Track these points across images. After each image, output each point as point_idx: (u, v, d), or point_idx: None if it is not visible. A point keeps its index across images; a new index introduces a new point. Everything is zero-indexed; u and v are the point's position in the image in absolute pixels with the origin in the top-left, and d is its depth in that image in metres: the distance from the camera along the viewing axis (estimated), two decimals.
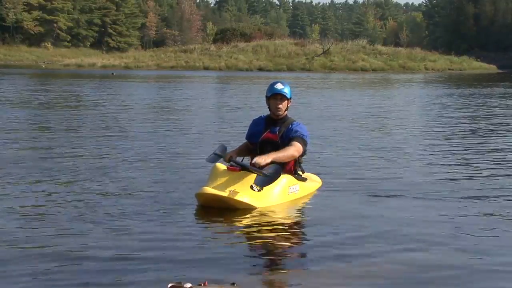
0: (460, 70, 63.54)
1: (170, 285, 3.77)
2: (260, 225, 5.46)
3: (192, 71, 52.26)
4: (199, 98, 22.53)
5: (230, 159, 6.25)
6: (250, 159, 6.40)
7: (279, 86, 6.40)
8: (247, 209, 5.78)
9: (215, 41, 68.97)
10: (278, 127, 6.39)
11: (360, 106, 19.60)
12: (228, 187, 5.88)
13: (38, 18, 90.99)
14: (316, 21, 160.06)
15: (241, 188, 5.87)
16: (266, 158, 6.05)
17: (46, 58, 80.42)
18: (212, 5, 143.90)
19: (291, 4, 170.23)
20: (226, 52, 59.22)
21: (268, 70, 53.53)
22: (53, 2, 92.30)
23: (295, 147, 6.24)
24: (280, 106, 6.38)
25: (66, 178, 7.24)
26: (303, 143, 6.32)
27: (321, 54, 58.98)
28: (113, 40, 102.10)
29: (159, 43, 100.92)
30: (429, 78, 45.06)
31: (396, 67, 58.68)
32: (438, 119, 15.67)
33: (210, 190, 5.83)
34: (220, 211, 5.74)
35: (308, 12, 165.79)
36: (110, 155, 9.07)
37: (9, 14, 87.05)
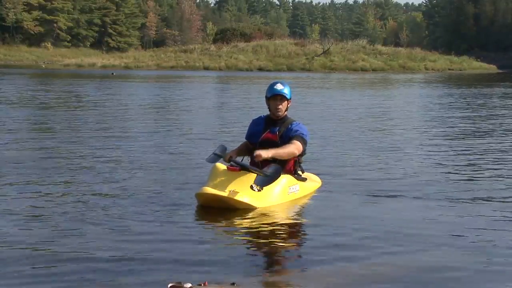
0: (460, 70, 63.52)
1: (170, 285, 3.78)
2: (260, 225, 5.46)
3: (192, 71, 52.25)
4: (199, 98, 22.52)
5: (230, 159, 6.26)
6: (250, 159, 6.41)
7: (279, 86, 6.40)
8: (247, 209, 5.78)
9: (215, 41, 68.94)
10: (278, 127, 6.40)
11: (360, 106, 19.60)
12: (228, 187, 5.88)
13: (38, 18, 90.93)
14: (316, 21, 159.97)
15: (241, 188, 5.87)
16: (268, 152, 6.08)
17: (46, 58, 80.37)
18: (212, 5, 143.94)
19: (291, 4, 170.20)
20: (226, 52, 59.19)
21: (268, 70, 53.52)
22: (53, 2, 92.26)
23: (295, 145, 6.26)
24: (280, 107, 6.38)
25: (66, 178, 7.23)
26: (303, 142, 6.33)
27: (321, 54, 58.96)
28: (113, 40, 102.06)
29: (159, 43, 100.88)
30: (429, 78, 45.04)
31: (396, 67, 58.66)
32: (438, 119, 15.66)
33: (210, 190, 5.83)
34: (220, 211, 5.74)
35: (308, 12, 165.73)
36: (110, 155, 9.06)
37: (9, 14, 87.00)
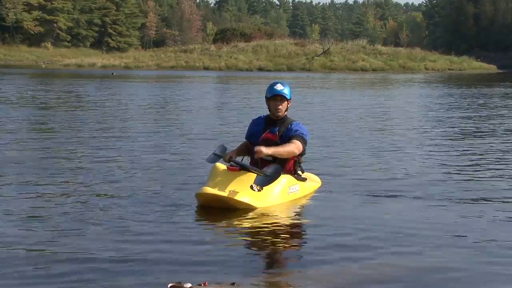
0: (460, 70, 63.51)
1: (170, 285, 3.78)
2: (260, 225, 5.46)
3: (192, 71, 52.25)
4: (199, 98, 22.52)
5: (230, 159, 6.25)
6: (250, 159, 6.41)
7: (279, 87, 6.40)
8: (247, 209, 5.78)
9: (215, 41, 68.92)
10: (278, 127, 6.39)
11: (360, 106, 19.60)
12: (228, 187, 5.88)
13: (38, 18, 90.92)
14: (316, 21, 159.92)
15: (241, 188, 5.87)
16: (268, 149, 6.10)
17: (46, 58, 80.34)
18: (212, 5, 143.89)
19: (291, 4, 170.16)
20: (226, 52, 59.19)
21: (268, 70, 53.51)
22: (53, 2, 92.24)
23: (295, 144, 6.26)
24: (280, 107, 6.38)
25: (66, 178, 7.23)
26: (303, 141, 6.33)
27: (321, 54, 58.95)
28: (113, 40, 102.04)
29: (159, 43, 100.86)
30: (429, 78, 45.04)
31: (396, 67, 58.65)
32: (438, 119, 15.66)
33: (210, 190, 5.83)
34: (220, 211, 5.74)
35: (308, 12, 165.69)
36: (110, 155, 9.06)
37: (9, 14, 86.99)
